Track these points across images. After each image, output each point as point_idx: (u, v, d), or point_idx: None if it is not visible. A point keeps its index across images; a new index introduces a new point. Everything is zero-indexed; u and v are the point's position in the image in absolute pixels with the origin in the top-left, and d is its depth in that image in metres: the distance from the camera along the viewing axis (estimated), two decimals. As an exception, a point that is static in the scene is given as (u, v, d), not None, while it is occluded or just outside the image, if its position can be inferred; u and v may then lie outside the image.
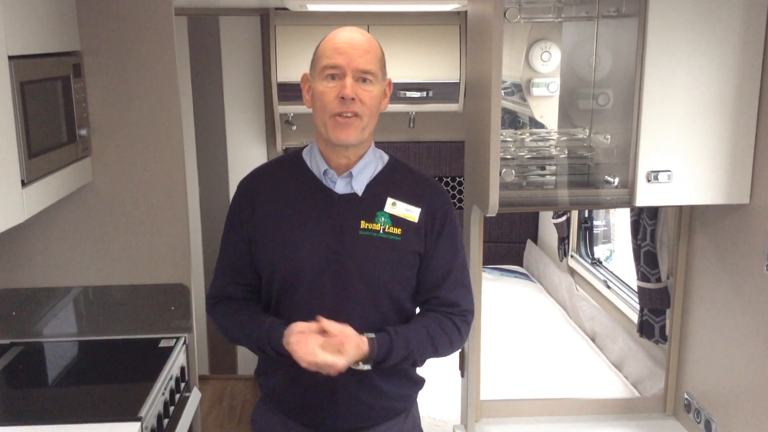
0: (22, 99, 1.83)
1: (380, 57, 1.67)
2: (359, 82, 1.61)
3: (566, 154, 2.06)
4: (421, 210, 1.70)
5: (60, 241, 2.47)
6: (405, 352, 1.65)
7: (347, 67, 1.60)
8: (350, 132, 1.62)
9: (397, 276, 1.69)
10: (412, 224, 1.69)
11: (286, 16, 3.77)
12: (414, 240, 1.68)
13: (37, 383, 2.31)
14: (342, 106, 1.60)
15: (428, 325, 1.70)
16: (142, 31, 2.35)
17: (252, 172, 1.82)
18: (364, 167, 1.71)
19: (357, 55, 1.60)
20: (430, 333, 1.69)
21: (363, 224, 1.67)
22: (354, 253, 1.66)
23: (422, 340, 1.68)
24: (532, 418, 2.23)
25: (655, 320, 2.32)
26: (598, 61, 2.04)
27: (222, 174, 4.19)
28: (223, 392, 4.20)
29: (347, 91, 1.59)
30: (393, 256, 1.67)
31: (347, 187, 1.70)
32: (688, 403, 2.14)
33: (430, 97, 3.87)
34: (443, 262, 1.72)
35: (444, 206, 1.73)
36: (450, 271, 1.72)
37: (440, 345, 1.70)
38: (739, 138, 1.79)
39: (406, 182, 1.74)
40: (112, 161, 2.43)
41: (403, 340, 1.65)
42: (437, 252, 1.71)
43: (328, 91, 1.61)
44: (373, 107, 1.65)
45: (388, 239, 1.67)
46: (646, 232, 2.28)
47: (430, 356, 1.72)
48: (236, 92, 4.14)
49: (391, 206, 1.69)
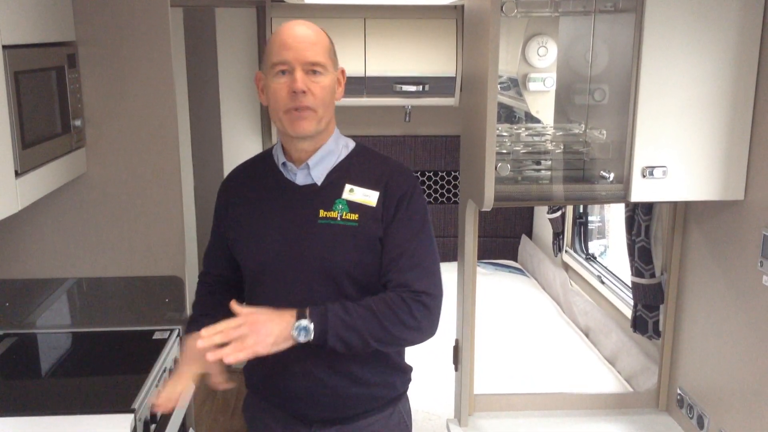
0: (16, 89, 1.83)
1: (329, 48, 1.68)
2: (309, 75, 1.62)
3: (562, 149, 2.06)
4: (380, 193, 1.69)
5: (54, 232, 2.46)
6: (345, 317, 1.58)
7: (295, 62, 1.61)
8: (305, 124, 1.64)
9: (356, 262, 1.68)
10: (370, 209, 1.68)
11: (283, 8, 3.75)
12: (371, 224, 1.68)
13: (31, 375, 2.31)
14: (294, 100, 1.62)
15: (371, 300, 1.63)
16: (138, 22, 2.34)
17: (231, 171, 1.88)
18: (323, 157, 1.72)
19: (303, 48, 1.62)
20: (372, 306, 1.61)
21: (322, 213, 1.69)
22: (312, 243, 1.68)
23: (363, 312, 1.60)
24: (526, 413, 2.23)
25: (649, 315, 2.33)
26: (594, 57, 2.04)
27: (217, 166, 4.18)
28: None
29: (297, 85, 1.60)
30: (350, 242, 1.67)
31: (307, 178, 1.72)
32: (681, 398, 2.15)
33: (426, 91, 3.86)
34: (398, 242, 1.68)
35: (403, 187, 1.70)
36: (403, 252, 1.67)
37: (386, 319, 1.60)
38: (734, 134, 1.80)
39: (367, 167, 1.74)
40: (106, 152, 2.43)
41: (340, 306, 1.60)
42: (391, 232, 1.68)
43: (279, 87, 1.63)
44: (326, 98, 1.66)
45: (345, 226, 1.67)
46: (640, 227, 2.28)
47: (382, 333, 1.61)
48: (232, 84, 4.13)
49: (348, 192, 1.70)
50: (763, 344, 1.74)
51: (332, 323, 1.58)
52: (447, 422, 2.21)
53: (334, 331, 1.58)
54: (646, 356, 2.69)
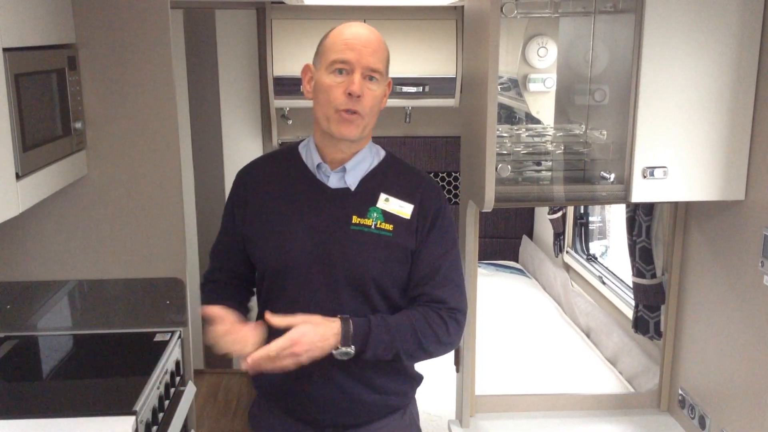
0: (17, 91, 1.82)
1: (387, 57, 1.67)
2: (366, 80, 1.60)
3: (562, 150, 2.06)
4: (414, 206, 1.69)
5: (54, 234, 2.46)
6: (386, 337, 1.60)
7: (357, 64, 1.59)
8: (352, 128, 1.62)
9: (387, 272, 1.67)
10: (404, 220, 1.68)
11: (283, 10, 3.76)
12: (405, 236, 1.67)
13: (32, 377, 2.31)
14: (348, 102, 1.59)
15: (413, 318, 1.65)
16: (138, 24, 2.34)
17: (249, 163, 1.82)
18: (358, 162, 1.70)
19: (368, 52, 1.60)
20: (414, 325, 1.64)
21: (355, 219, 1.66)
22: (344, 248, 1.65)
23: (404, 330, 1.63)
24: (527, 413, 2.23)
25: (650, 316, 2.33)
26: (594, 57, 2.04)
27: (217, 168, 4.18)
28: (218, 386, 4.20)
29: (355, 88, 1.58)
30: (383, 251, 1.66)
31: (340, 182, 1.69)
32: (682, 398, 2.15)
33: (426, 92, 3.87)
34: (432, 258, 1.69)
35: (437, 203, 1.72)
36: (438, 268, 1.69)
37: (424, 337, 1.64)
38: (734, 134, 1.80)
39: (401, 178, 1.73)
40: (107, 154, 2.43)
41: (384, 327, 1.61)
42: (426, 248, 1.69)
43: (335, 85, 1.60)
44: (375, 107, 1.65)
45: (379, 235, 1.66)
46: (641, 228, 2.28)
47: (416, 350, 1.66)
48: (232, 86, 4.13)
49: (384, 202, 1.68)
50: (764, 344, 1.74)
51: (372, 345, 1.60)
52: (448, 423, 2.21)
53: (372, 352, 1.61)
54: (647, 357, 2.68)
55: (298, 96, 3.88)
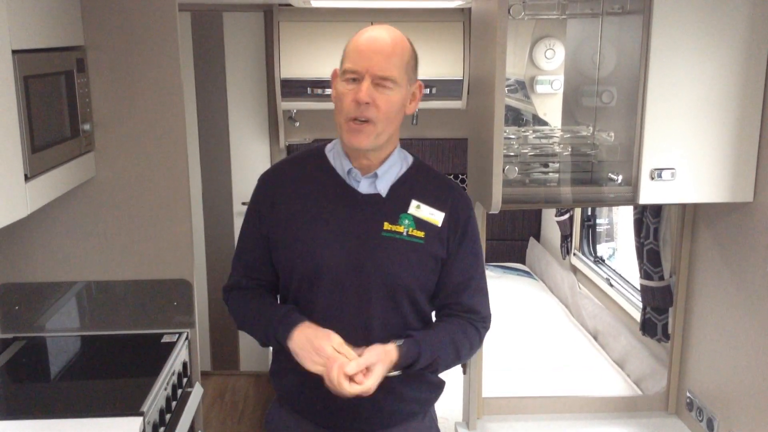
0: (26, 93, 1.83)
1: (406, 61, 1.60)
2: (377, 87, 1.57)
3: (569, 152, 2.06)
4: (445, 214, 1.67)
5: (63, 235, 2.47)
6: (431, 359, 1.63)
7: (366, 72, 1.56)
8: (362, 138, 1.59)
9: (418, 279, 1.66)
10: (435, 228, 1.66)
11: (290, 12, 3.76)
12: (436, 244, 1.66)
13: (40, 378, 2.32)
14: (357, 110, 1.57)
15: (453, 333, 1.68)
16: (146, 26, 2.35)
17: (273, 166, 1.80)
18: (389, 168, 1.68)
19: (379, 59, 1.56)
20: (454, 340, 1.67)
21: (386, 226, 1.64)
22: (376, 255, 1.63)
23: (447, 348, 1.66)
24: (534, 416, 2.23)
25: (658, 318, 2.32)
26: (602, 59, 2.04)
27: (225, 170, 4.19)
28: (225, 388, 4.21)
29: (361, 95, 1.55)
30: (415, 259, 1.65)
31: (371, 188, 1.67)
32: (690, 401, 2.14)
33: (433, 94, 3.87)
34: (464, 267, 1.69)
35: (467, 211, 1.71)
36: (472, 277, 1.70)
37: (462, 352, 1.70)
38: (743, 136, 1.79)
39: (431, 185, 1.71)
40: (115, 156, 2.44)
41: (429, 347, 1.63)
42: (459, 257, 1.69)
43: (346, 93, 1.58)
44: (390, 113, 1.59)
45: (411, 242, 1.64)
46: (649, 230, 2.27)
47: (453, 363, 1.71)
48: (239, 88, 4.14)
49: (415, 209, 1.66)
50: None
51: (419, 364, 1.62)
52: (455, 426, 2.20)
53: (416, 369, 1.63)
54: (655, 359, 2.68)
55: (306, 98, 3.90)
